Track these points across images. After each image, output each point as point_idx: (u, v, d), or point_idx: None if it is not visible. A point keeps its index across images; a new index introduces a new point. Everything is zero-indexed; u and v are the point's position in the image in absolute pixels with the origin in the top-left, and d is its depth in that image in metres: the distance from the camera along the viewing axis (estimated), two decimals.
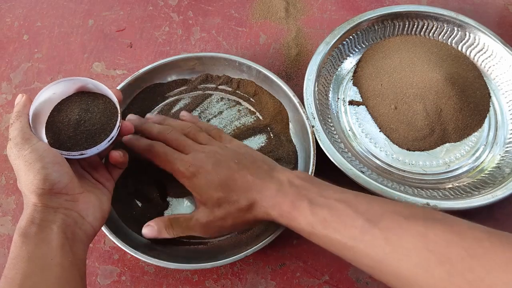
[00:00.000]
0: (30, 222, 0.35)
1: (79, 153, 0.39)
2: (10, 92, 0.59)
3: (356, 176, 0.48)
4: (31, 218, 0.35)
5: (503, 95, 0.57)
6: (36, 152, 0.36)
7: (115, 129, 0.41)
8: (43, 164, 0.36)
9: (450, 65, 0.56)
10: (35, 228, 0.35)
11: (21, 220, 0.36)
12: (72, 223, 0.37)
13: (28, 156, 0.36)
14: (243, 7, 0.66)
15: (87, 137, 0.41)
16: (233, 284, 0.47)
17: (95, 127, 0.41)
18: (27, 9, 0.66)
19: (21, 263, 0.33)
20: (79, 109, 0.41)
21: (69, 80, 0.42)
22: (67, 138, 0.40)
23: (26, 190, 0.36)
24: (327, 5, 0.66)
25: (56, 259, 0.34)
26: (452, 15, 0.58)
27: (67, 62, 0.61)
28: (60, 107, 0.42)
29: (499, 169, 0.51)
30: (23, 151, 0.36)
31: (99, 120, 0.41)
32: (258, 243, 0.45)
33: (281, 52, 0.62)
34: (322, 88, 0.56)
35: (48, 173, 0.36)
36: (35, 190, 0.36)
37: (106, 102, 0.42)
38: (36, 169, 0.36)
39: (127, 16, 0.65)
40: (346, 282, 0.47)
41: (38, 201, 0.36)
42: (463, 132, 0.54)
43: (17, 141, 0.37)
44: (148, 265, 0.48)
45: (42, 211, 0.36)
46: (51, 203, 0.36)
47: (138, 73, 0.54)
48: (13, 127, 0.38)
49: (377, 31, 0.60)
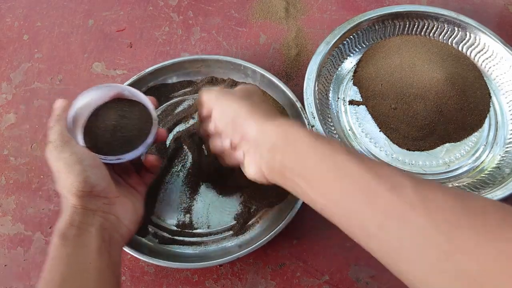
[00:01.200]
0: (69, 224, 0.36)
1: (116, 158, 0.40)
2: (10, 92, 0.59)
3: None
4: (70, 220, 0.36)
5: (503, 95, 0.57)
6: (76, 155, 0.37)
7: (151, 135, 0.42)
8: (83, 167, 0.37)
9: (451, 65, 0.56)
10: (74, 230, 0.36)
11: (60, 222, 0.36)
12: (109, 226, 0.38)
13: (69, 158, 0.37)
14: (243, 7, 0.66)
15: (123, 142, 0.41)
16: (233, 284, 0.47)
17: (132, 133, 0.42)
18: (27, 9, 0.66)
19: (60, 265, 0.34)
20: (116, 115, 0.42)
21: (106, 87, 0.43)
22: (105, 143, 0.41)
23: (66, 192, 0.37)
24: (327, 5, 0.66)
25: (94, 262, 0.35)
26: (453, 15, 0.58)
27: (67, 62, 0.61)
28: (97, 112, 0.43)
29: (499, 169, 0.51)
30: (63, 153, 0.37)
31: (136, 126, 0.42)
32: (258, 242, 0.45)
33: (281, 52, 0.62)
34: (322, 88, 0.56)
35: (88, 176, 0.37)
36: (76, 192, 0.36)
37: (142, 108, 0.43)
38: (76, 171, 0.36)
39: (127, 16, 0.65)
40: (346, 282, 0.47)
41: (77, 203, 0.37)
42: (463, 132, 0.54)
43: (57, 144, 0.37)
44: (148, 265, 0.48)
45: (82, 213, 0.37)
46: (90, 206, 0.37)
47: (143, 73, 0.54)
48: (52, 130, 0.39)
49: (378, 31, 0.60)
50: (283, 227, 0.46)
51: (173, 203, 0.51)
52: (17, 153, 0.55)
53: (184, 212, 0.50)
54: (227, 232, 0.49)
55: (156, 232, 0.49)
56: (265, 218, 0.50)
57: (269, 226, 0.49)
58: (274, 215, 0.50)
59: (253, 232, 0.49)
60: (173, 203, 0.51)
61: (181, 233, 0.49)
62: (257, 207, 0.50)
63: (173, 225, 0.50)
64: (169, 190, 0.51)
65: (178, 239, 0.49)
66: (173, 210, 0.50)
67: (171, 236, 0.49)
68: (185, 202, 0.51)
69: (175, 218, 0.50)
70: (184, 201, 0.51)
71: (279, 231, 0.45)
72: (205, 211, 0.50)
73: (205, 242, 0.49)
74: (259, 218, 0.50)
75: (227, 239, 0.49)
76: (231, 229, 0.49)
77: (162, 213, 0.50)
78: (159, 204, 0.50)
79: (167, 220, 0.50)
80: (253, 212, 0.50)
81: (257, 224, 0.49)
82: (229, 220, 0.50)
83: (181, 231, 0.49)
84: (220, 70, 0.57)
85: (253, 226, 0.49)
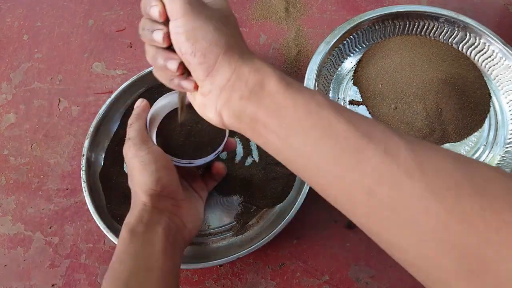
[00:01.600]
0: (139, 220, 0.37)
1: (187, 162, 0.41)
2: (10, 92, 0.59)
3: None
4: (140, 216, 0.37)
5: (503, 95, 0.57)
6: (152, 155, 0.38)
7: (222, 143, 0.43)
8: (157, 166, 0.38)
9: (451, 65, 0.56)
10: (142, 227, 0.36)
11: (129, 216, 0.37)
12: (174, 228, 0.39)
13: (145, 157, 0.38)
14: (243, 7, 0.66)
15: (196, 147, 0.42)
16: (233, 284, 0.47)
17: (204, 139, 0.43)
18: (27, 9, 0.66)
19: (128, 260, 0.35)
20: (191, 120, 0.43)
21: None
22: (178, 146, 0.42)
23: (139, 189, 0.38)
24: (327, 5, 0.66)
25: (158, 262, 0.36)
26: (453, 15, 0.58)
27: (67, 62, 0.61)
28: (172, 115, 0.43)
29: None
30: (140, 151, 0.38)
31: (208, 133, 0.43)
32: (258, 242, 0.45)
33: (281, 52, 0.62)
34: (322, 88, 0.56)
35: (161, 176, 0.38)
36: (147, 190, 0.37)
37: None
38: (151, 170, 0.37)
39: (127, 16, 0.65)
40: (346, 282, 0.47)
41: (148, 201, 0.38)
42: (463, 132, 0.54)
43: (136, 142, 0.39)
44: None
45: (151, 211, 0.37)
46: (159, 205, 0.38)
47: (143, 73, 0.54)
48: (132, 128, 0.40)
49: (378, 31, 0.60)
50: (283, 227, 0.46)
51: None
52: (17, 153, 0.55)
53: None
54: (227, 232, 0.49)
55: None
56: (265, 218, 0.50)
57: (269, 226, 0.48)
58: (274, 215, 0.50)
59: (253, 232, 0.49)
60: None
61: None
62: (257, 207, 0.50)
63: None
64: None
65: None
66: None
67: None
68: None
69: None
70: None
71: (279, 231, 0.45)
72: (205, 211, 0.50)
73: (205, 242, 0.49)
74: (259, 218, 0.50)
75: (227, 239, 0.49)
76: (231, 229, 0.49)
77: None
78: None
79: None
80: (253, 212, 0.50)
81: (257, 224, 0.49)
82: (229, 220, 0.50)
83: None
84: None
85: (253, 226, 0.49)
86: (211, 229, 0.49)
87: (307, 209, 0.49)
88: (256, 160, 0.52)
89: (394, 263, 0.28)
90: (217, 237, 0.49)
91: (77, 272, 0.48)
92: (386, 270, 0.48)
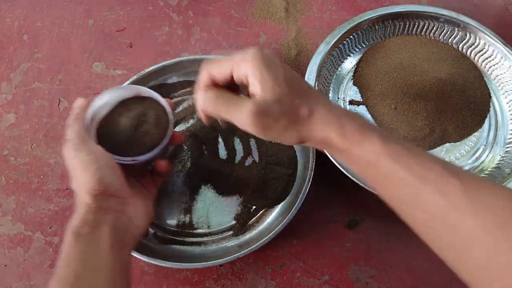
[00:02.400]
0: (83, 222, 0.36)
1: (131, 159, 0.41)
2: (10, 92, 0.59)
3: (357, 176, 0.48)
4: (84, 218, 0.36)
5: (503, 95, 0.57)
6: (93, 155, 0.37)
7: (166, 138, 0.42)
8: (98, 166, 0.37)
9: (451, 65, 0.56)
10: (87, 228, 0.36)
11: (74, 220, 0.37)
12: (121, 226, 0.38)
13: (85, 157, 0.37)
14: (243, 7, 0.66)
15: (139, 144, 0.42)
16: (233, 284, 0.47)
17: (148, 134, 0.42)
18: (27, 9, 0.66)
19: (74, 263, 0.35)
20: (133, 116, 0.42)
21: (124, 88, 0.43)
22: (120, 143, 0.41)
23: (81, 190, 0.37)
24: (327, 5, 0.66)
25: (106, 261, 0.35)
26: (453, 15, 0.58)
27: (67, 62, 0.61)
28: (113, 113, 0.43)
29: (499, 170, 0.51)
30: (80, 152, 0.37)
31: (152, 128, 0.42)
32: (258, 243, 0.45)
33: (281, 52, 0.62)
34: (322, 88, 0.56)
35: (103, 175, 0.37)
36: (90, 191, 0.37)
37: (158, 110, 0.43)
38: (92, 170, 0.37)
39: (127, 16, 0.65)
40: (346, 282, 0.47)
41: (91, 202, 0.37)
42: (463, 132, 0.54)
43: (75, 143, 0.38)
44: (148, 265, 0.48)
45: (95, 212, 0.37)
46: (103, 205, 0.38)
47: (143, 73, 0.54)
48: (71, 129, 0.39)
49: (378, 31, 0.60)
50: (283, 227, 0.46)
51: (173, 203, 0.51)
52: (17, 153, 0.55)
53: (184, 212, 0.50)
54: (227, 232, 0.49)
55: (157, 233, 0.49)
56: (265, 218, 0.50)
57: (269, 226, 0.49)
58: (274, 215, 0.50)
59: (253, 232, 0.49)
60: (173, 203, 0.51)
61: (181, 233, 0.49)
62: (257, 207, 0.50)
63: (174, 225, 0.50)
64: (169, 190, 0.51)
65: (179, 239, 0.49)
66: (174, 210, 0.50)
67: (171, 236, 0.49)
68: (185, 202, 0.51)
69: (176, 218, 0.50)
70: (184, 201, 0.51)
71: (279, 231, 0.45)
72: (205, 211, 0.50)
73: (205, 242, 0.49)
74: (259, 218, 0.50)
75: (227, 239, 0.49)
76: (231, 229, 0.49)
77: (163, 213, 0.50)
78: (160, 205, 0.50)
79: (168, 220, 0.50)
80: (253, 212, 0.50)
81: (257, 224, 0.49)
82: (229, 220, 0.50)
83: (181, 231, 0.49)
84: None
85: (253, 226, 0.49)
86: (211, 229, 0.49)
87: (307, 209, 0.49)
88: (256, 160, 0.52)
89: (394, 263, 0.29)
90: (217, 237, 0.49)
91: None
92: (386, 270, 0.48)
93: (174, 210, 0.50)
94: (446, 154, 0.53)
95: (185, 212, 0.50)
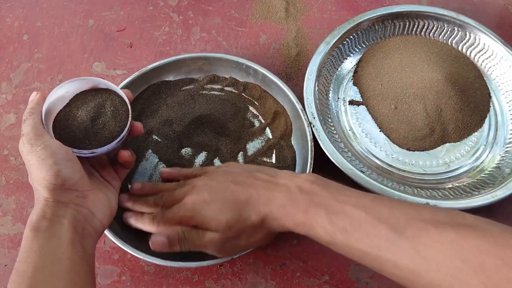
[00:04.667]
0: (41, 217, 0.36)
1: (89, 152, 0.40)
2: (10, 92, 0.59)
3: (356, 176, 0.48)
4: (42, 213, 0.36)
5: (503, 95, 0.57)
6: (49, 148, 0.37)
7: (125, 129, 0.41)
8: (55, 160, 0.37)
9: (450, 65, 0.56)
10: (46, 222, 0.36)
11: (32, 215, 0.36)
12: (82, 219, 0.38)
13: (41, 152, 0.37)
14: (243, 7, 0.66)
15: (97, 136, 0.41)
16: (233, 284, 0.47)
17: (106, 126, 0.42)
18: (27, 9, 0.66)
19: (32, 256, 0.34)
20: (91, 108, 0.42)
21: (82, 80, 0.42)
22: (78, 136, 0.41)
23: (38, 185, 0.37)
24: (327, 5, 0.66)
25: (66, 253, 0.35)
26: (453, 15, 0.58)
27: (67, 62, 0.61)
28: (70, 106, 0.42)
29: (499, 169, 0.51)
30: (35, 146, 0.37)
31: (110, 119, 0.42)
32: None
33: (281, 52, 0.62)
34: (322, 88, 0.56)
35: (60, 169, 0.36)
36: (47, 185, 0.36)
37: (116, 102, 0.43)
38: (48, 164, 0.36)
39: (127, 16, 0.65)
40: (346, 282, 0.47)
41: (49, 196, 0.37)
42: (463, 132, 0.54)
43: (30, 137, 0.37)
44: (148, 265, 0.48)
45: (53, 206, 0.37)
46: (62, 199, 0.37)
47: (145, 70, 0.54)
48: (26, 123, 0.39)
49: (378, 31, 0.60)
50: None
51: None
52: (17, 153, 0.55)
53: None
54: None
55: None
56: None
57: None
58: None
59: None
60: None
61: None
62: None
63: None
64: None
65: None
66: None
67: None
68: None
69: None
70: None
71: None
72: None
73: None
74: None
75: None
76: None
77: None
78: None
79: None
80: None
81: None
82: None
83: None
84: (222, 69, 0.57)
85: None
86: None
87: None
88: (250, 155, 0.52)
89: None
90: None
91: None
92: None
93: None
94: (446, 154, 0.53)
95: None
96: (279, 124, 0.54)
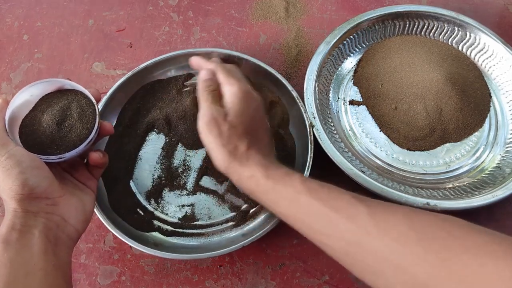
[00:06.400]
0: (10, 228, 0.35)
1: (57, 157, 0.39)
2: (10, 92, 0.59)
3: (356, 176, 0.48)
4: (11, 224, 0.35)
5: (503, 95, 0.56)
6: (14, 158, 0.35)
7: (93, 131, 0.40)
8: (21, 169, 0.35)
9: (451, 65, 0.56)
10: (16, 234, 0.35)
11: (1, 227, 0.35)
12: (54, 227, 0.37)
13: (5, 162, 0.35)
14: (243, 7, 0.66)
15: (65, 140, 0.40)
16: (233, 284, 0.47)
17: (73, 129, 0.40)
18: (27, 9, 0.66)
19: (3, 269, 0.33)
20: (56, 112, 0.40)
21: (46, 82, 0.41)
22: (45, 142, 0.39)
23: (6, 196, 0.36)
24: (327, 5, 0.66)
25: (39, 264, 0.34)
26: (453, 15, 0.58)
27: (67, 62, 0.61)
28: (36, 110, 0.41)
29: (500, 169, 0.51)
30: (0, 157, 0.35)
31: (77, 122, 0.41)
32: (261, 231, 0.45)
33: (281, 52, 0.62)
34: (322, 88, 0.56)
35: (27, 178, 0.35)
36: (14, 196, 0.35)
37: (83, 103, 0.41)
38: (14, 174, 0.35)
39: (127, 16, 0.65)
40: (346, 282, 0.47)
41: (18, 207, 0.35)
42: (463, 132, 0.54)
43: None
44: (148, 265, 0.48)
45: (23, 216, 0.35)
46: (31, 208, 0.36)
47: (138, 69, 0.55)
48: None
49: (378, 31, 0.60)
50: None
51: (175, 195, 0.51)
52: None
53: (186, 204, 0.51)
54: (228, 222, 0.49)
55: (160, 226, 0.49)
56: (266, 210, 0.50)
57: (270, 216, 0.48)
58: None
59: (256, 223, 0.49)
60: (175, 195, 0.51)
61: (183, 225, 0.50)
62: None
63: (175, 217, 0.50)
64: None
65: (180, 231, 0.49)
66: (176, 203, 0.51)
67: (173, 228, 0.49)
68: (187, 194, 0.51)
69: (178, 210, 0.50)
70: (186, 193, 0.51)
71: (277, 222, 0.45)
72: (207, 202, 0.51)
73: (207, 234, 0.49)
74: (261, 208, 0.50)
75: (230, 230, 0.49)
76: (233, 219, 0.49)
77: (165, 206, 0.51)
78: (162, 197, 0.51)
79: (169, 213, 0.50)
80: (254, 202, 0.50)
81: (259, 215, 0.49)
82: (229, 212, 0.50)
83: (183, 224, 0.50)
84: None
85: (255, 216, 0.49)
86: (212, 220, 0.50)
87: None
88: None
89: None
90: (219, 228, 0.49)
91: (77, 272, 0.48)
92: None
93: (177, 203, 0.51)
94: (447, 154, 0.53)
95: (187, 204, 0.51)
96: (276, 113, 0.54)
